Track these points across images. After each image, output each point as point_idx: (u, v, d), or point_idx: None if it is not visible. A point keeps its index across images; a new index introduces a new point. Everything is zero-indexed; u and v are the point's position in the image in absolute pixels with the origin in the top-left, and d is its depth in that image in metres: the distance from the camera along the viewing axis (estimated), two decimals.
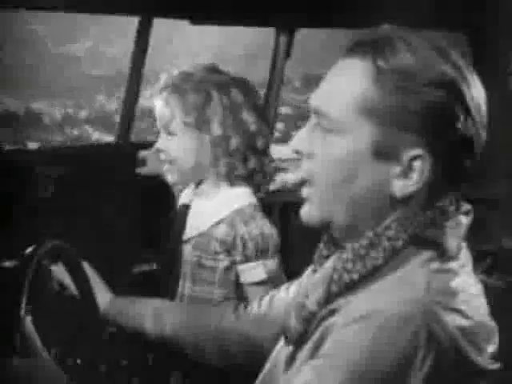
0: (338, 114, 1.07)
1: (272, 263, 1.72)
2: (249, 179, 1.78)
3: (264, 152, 1.78)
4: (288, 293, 1.40)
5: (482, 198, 3.63)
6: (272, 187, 1.97)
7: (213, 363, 1.53)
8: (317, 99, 1.11)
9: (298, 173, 1.13)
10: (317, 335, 1.07)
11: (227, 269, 1.73)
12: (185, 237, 1.80)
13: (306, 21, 3.57)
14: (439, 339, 0.97)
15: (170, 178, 1.80)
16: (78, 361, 1.34)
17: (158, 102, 1.75)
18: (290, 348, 1.16)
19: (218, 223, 1.74)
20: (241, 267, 1.72)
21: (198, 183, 1.81)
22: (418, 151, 1.04)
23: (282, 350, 1.22)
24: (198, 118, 1.72)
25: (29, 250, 1.26)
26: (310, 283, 1.17)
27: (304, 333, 1.11)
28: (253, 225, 1.71)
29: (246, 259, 1.71)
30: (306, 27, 3.65)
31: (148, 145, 2.48)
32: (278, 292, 1.44)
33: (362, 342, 0.97)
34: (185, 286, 1.78)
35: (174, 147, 1.75)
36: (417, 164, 1.05)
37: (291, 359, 1.15)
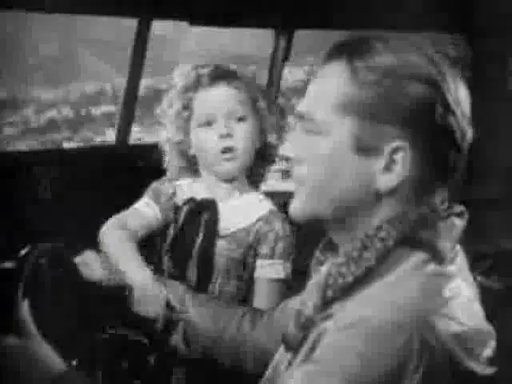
0: (320, 115, 1.10)
1: (290, 267, 1.73)
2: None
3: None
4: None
5: (482, 199, 3.63)
6: (269, 188, 1.96)
7: (221, 361, 1.50)
8: (301, 105, 1.14)
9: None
10: (311, 339, 1.08)
11: (247, 261, 1.73)
12: (222, 232, 1.75)
13: (305, 22, 3.57)
14: (432, 347, 0.97)
15: (232, 167, 1.74)
16: (74, 362, 1.34)
17: (218, 90, 1.73)
18: (290, 354, 1.16)
19: (257, 220, 1.74)
20: (264, 262, 1.72)
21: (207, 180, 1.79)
22: (398, 143, 1.06)
23: (282, 356, 1.21)
24: (264, 101, 1.78)
25: (24, 251, 1.26)
26: (306, 290, 1.18)
27: (302, 339, 1.11)
28: (286, 225, 1.73)
29: (273, 255, 1.71)
30: (306, 28, 3.65)
31: (146, 146, 2.47)
32: (290, 300, 1.43)
33: (354, 349, 0.97)
34: (217, 283, 1.73)
35: (244, 131, 1.73)
36: (398, 156, 1.06)
37: (290, 365, 1.15)
